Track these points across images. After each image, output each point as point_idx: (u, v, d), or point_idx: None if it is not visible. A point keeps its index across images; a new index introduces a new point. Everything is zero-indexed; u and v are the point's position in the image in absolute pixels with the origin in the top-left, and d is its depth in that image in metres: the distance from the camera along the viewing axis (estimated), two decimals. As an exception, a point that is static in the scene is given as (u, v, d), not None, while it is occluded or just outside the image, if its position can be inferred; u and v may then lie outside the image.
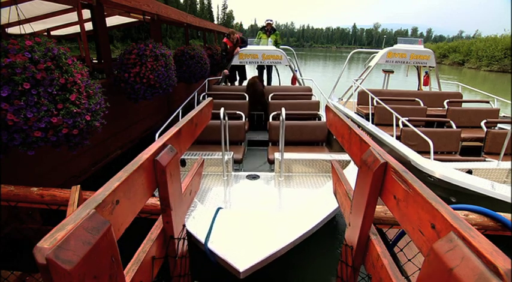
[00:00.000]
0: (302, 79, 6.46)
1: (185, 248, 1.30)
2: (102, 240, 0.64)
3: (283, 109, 2.94)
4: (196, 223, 1.85)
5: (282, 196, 2.69)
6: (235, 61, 5.78)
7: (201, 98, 4.90)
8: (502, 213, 1.47)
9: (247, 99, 4.84)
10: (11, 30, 4.76)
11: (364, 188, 1.04)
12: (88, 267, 0.59)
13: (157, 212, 1.42)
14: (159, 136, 2.13)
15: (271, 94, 4.95)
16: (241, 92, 5.10)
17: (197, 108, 1.47)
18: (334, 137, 2.74)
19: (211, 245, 1.65)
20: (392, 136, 3.68)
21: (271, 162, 3.26)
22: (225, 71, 6.06)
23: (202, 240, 1.70)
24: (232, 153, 3.18)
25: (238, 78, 7.28)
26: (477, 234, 0.62)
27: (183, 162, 3.09)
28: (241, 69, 7.07)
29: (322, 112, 4.36)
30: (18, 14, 2.13)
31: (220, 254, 1.59)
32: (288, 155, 3.06)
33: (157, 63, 3.38)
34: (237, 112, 4.03)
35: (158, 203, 1.35)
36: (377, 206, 1.14)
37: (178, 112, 3.67)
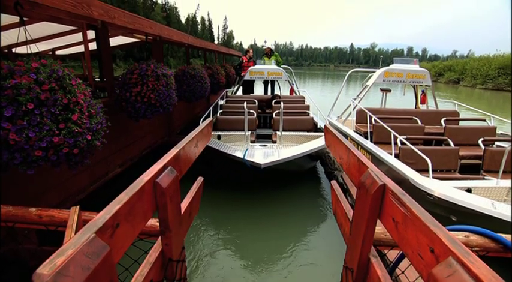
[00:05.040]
0: (298, 90, 8.49)
1: (184, 270, 1.28)
2: (102, 265, 0.63)
3: (282, 103, 4.55)
4: (235, 151, 3.84)
5: (281, 150, 4.12)
6: (247, 77, 7.37)
7: (223, 103, 6.64)
8: (503, 235, 1.46)
9: (256, 103, 6.27)
10: (18, 50, 4.89)
11: (363, 210, 1.04)
12: (86, 293, 0.59)
13: (156, 233, 1.41)
14: (203, 121, 3.82)
15: (274, 100, 6.61)
16: (252, 98, 6.68)
17: (197, 129, 1.49)
18: (319, 126, 5.43)
19: (247, 158, 3.60)
20: (391, 154, 3.70)
21: (275, 142, 4.84)
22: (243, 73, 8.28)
23: (241, 156, 3.66)
24: (250, 132, 4.60)
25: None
26: (476, 259, 0.63)
27: (219, 137, 4.72)
28: (251, 84, 9.18)
29: (310, 111, 6.02)
30: (26, 37, 2.20)
31: (251, 159, 3.55)
32: (285, 133, 4.75)
33: (159, 83, 3.44)
34: (250, 111, 5.13)
35: (157, 224, 1.34)
36: (377, 227, 1.13)
37: (210, 111, 5.49)
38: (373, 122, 4.46)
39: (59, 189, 2.74)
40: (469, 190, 2.85)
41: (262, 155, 3.74)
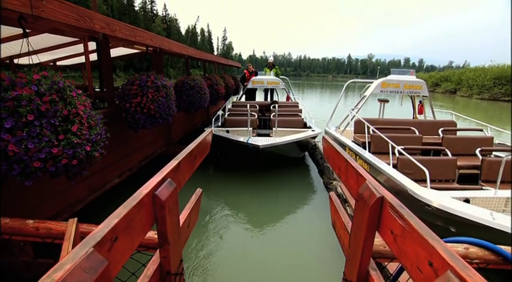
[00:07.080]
0: (294, 97, 9.86)
1: (181, 284, 1.26)
2: (99, 280, 0.63)
3: (277, 106, 6.39)
4: (240, 138, 4.89)
5: (276, 139, 5.02)
6: (250, 85, 8.83)
7: (230, 106, 8.21)
8: (503, 246, 1.46)
9: (257, 108, 7.28)
10: (19, 60, 4.95)
11: (362, 222, 1.04)
12: (84, 308, 0.59)
13: (154, 245, 1.40)
14: (214, 122, 6.18)
15: (272, 105, 7.51)
16: (254, 104, 7.83)
17: (196, 141, 1.50)
18: (308, 125, 6.68)
19: (250, 141, 4.68)
20: (389, 164, 3.70)
21: (271, 137, 5.66)
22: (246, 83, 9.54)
23: (246, 141, 4.73)
24: (251, 128, 5.53)
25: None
26: (474, 273, 0.63)
27: (227, 131, 5.61)
28: (253, 92, 10.32)
29: (302, 114, 7.27)
30: (28, 49, 2.23)
31: (253, 142, 4.63)
32: (279, 129, 5.75)
33: (158, 94, 3.47)
34: (252, 112, 6.07)
35: (155, 236, 1.33)
36: (376, 239, 1.13)
37: (218, 114, 6.61)
38: (371, 132, 4.48)
39: (56, 200, 2.72)
40: (467, 200, 2.84)
41: (261, 141, 4.81)
